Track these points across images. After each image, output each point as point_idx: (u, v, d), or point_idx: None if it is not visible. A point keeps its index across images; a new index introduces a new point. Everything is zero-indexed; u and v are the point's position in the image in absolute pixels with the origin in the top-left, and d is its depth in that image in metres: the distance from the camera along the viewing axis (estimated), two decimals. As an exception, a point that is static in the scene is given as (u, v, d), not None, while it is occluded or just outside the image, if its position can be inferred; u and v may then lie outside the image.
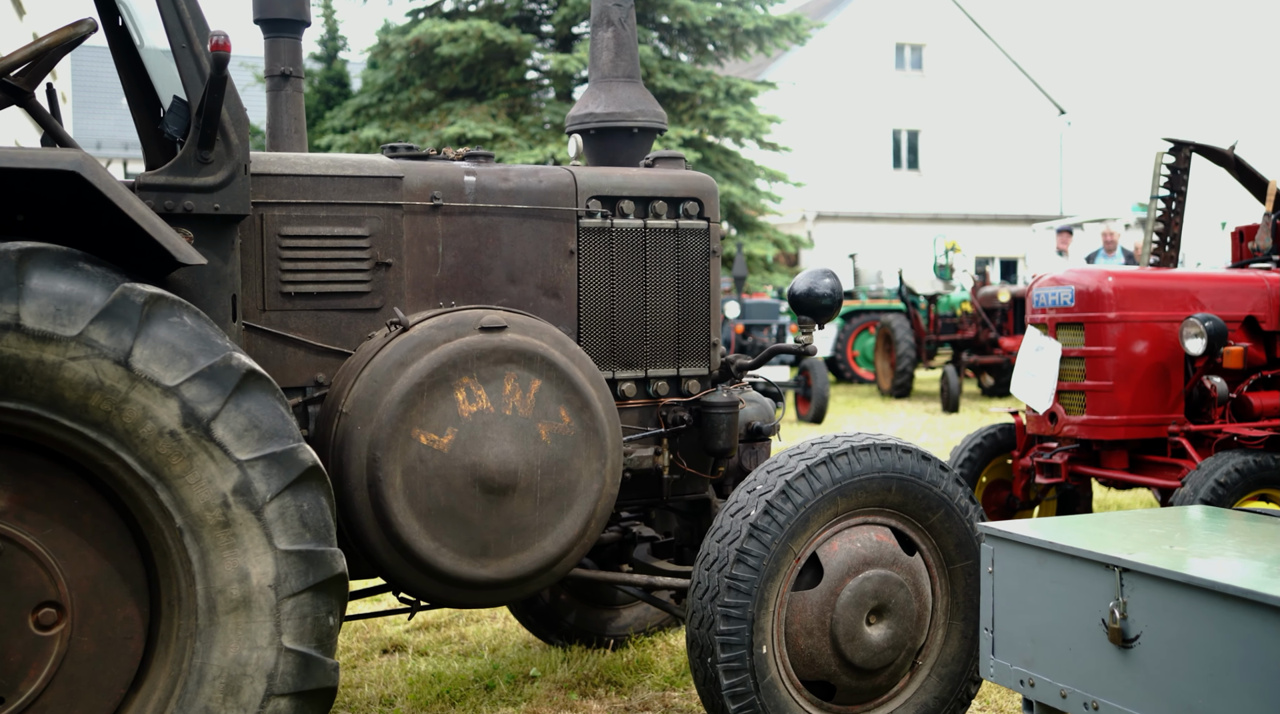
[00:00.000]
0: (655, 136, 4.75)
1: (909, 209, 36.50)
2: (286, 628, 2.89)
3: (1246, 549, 2.84)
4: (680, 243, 4.26)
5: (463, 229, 3.93)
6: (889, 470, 3.81)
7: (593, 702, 4.61)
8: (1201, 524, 3.22)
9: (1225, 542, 2.97)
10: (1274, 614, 2.36)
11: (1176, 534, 3.03)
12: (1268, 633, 2.38)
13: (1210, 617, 2.51)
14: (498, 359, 3.62)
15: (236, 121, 3.33)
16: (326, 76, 21.99)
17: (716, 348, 4.35)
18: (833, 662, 3.76)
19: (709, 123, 17.26)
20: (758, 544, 3.65)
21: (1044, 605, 2.99)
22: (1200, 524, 3.22)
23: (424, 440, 3.51)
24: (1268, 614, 2.38)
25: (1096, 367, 5.85)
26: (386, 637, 5.53)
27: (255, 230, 3.63)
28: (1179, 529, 3.12)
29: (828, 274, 4.23)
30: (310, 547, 2.92)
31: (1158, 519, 3.26)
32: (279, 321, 3.68)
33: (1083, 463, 6.05)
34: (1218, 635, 2.50)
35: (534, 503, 3.65)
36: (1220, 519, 3.28)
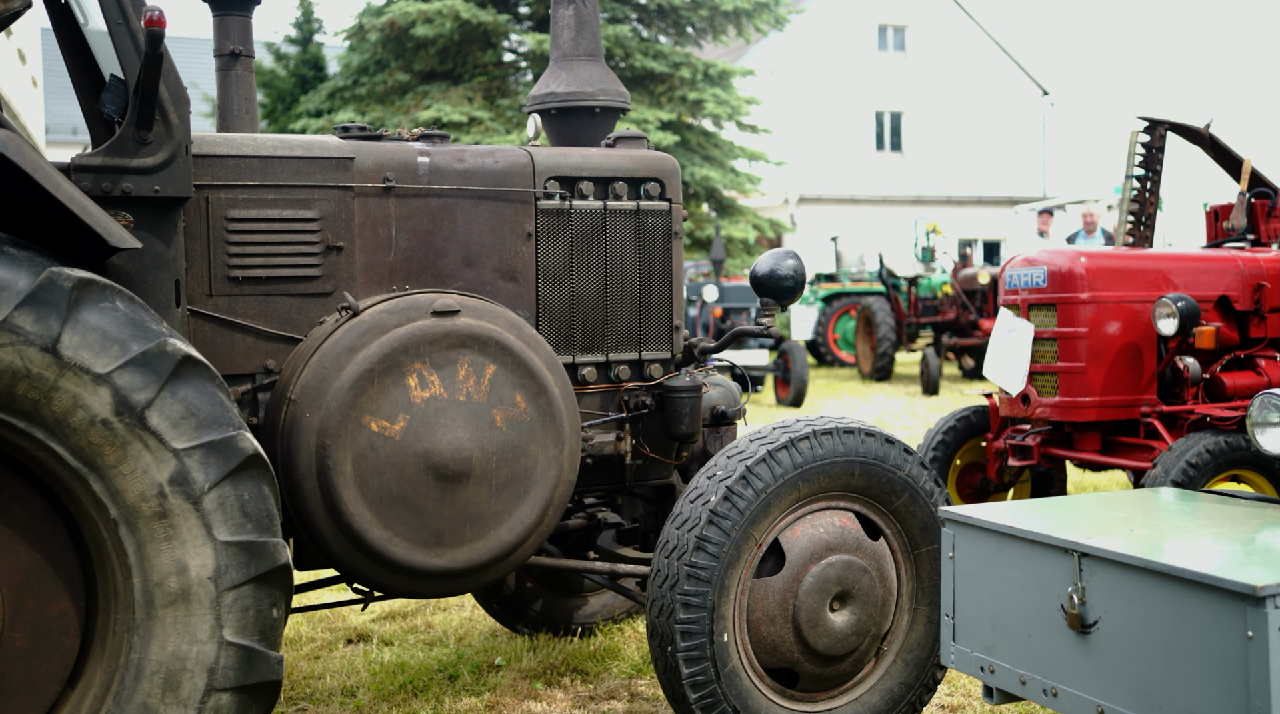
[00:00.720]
0: (619, 116, 4.68)
1: (892, 191, 36.44)
2: (228, 621, 2.81)
3: (1209, 532, 2.79)
4: (641, 224, 4.18)
5: (417, 211, 3.84)
6: (852, 454, 3.75)
7: (557, 690, 4.55)
8: (1167, 507, 3.16)
9: (1188, 525, 2.92)
10: (1230, 598, 2.31)
11: (1139, 518, 2.97)
12: (1224, 618, 2.32)
13: (1167, 601, 2.46)
14: (451, 344, 3.54)
15: (177, 101, 3.23)
16: (302, 60, 21.78)
17: (679, 331, 4.27)
18: (795, 649, 3.70)
19: (687, 105, 17.14)
20: (718, 531, 3.58)
21: (1004, 591, 2.93)
22: (1166, 507, 3.16)
23: (375, 427, 3.43)
24: (1224, 598, 2.32)
25: (1069, 348, 5.80)
26: (351, 626, 5.46)
27: (200, 213, 3.54)
28: (1143, 512, 3.06)
29: (790, 255, 4.15)
30: (252, 537, 2.84)
31: (1123, 502, 3.21)
32: (226, 307, 3.59)
33: (1055, 445, 6.00)
34: (1174, 620, 2.44)
35: (489, 490, 3.57)
36: (1188, 502, 3.23)
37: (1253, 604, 2.27)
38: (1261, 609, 2.26)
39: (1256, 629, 2.27)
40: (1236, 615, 2.30)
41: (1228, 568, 2.37)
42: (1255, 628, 2.27)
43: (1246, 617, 2.28)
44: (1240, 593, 2.28)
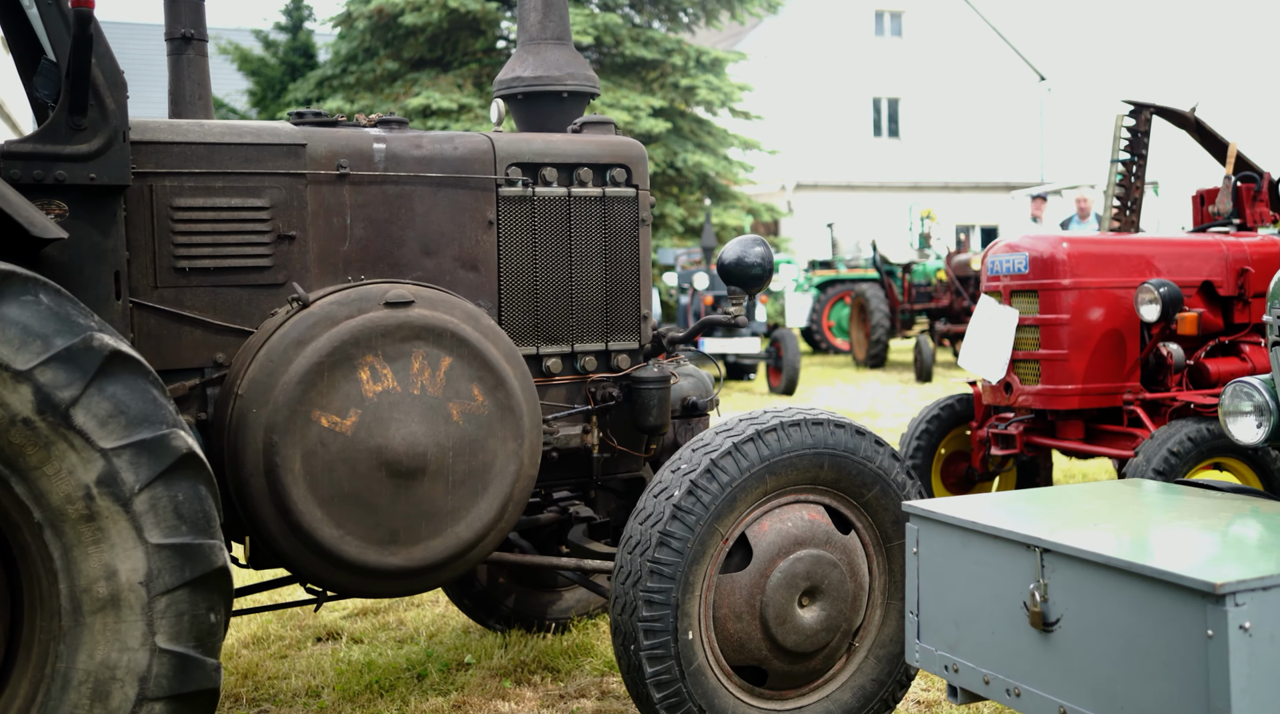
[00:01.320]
0: (588, 101, 4.56)
1: (889, 177, 36.28)
2: (160, 627, 2.71)
3: (1177, 526, 2.69)
4: (607, 211, 4.08)
5: (372, 199, 3.74)
6: (820, 446, 3.65)
7: (527, 689, 4.46)
8: (1140, 499, 3.07)
9: (1157, 518, 2.82)
10: (1189, 596, 2.21)
11: (1108, 511, 2.87)
12: (1183, 616, 2.23)
13: (1128, 599, 2.36)
14: (404, 336, 3.44)
15: (113, 85, 3.13)
16: (291, 47, 21.61)
17: (647, 321, 4.17)
18: (763, 646, 3.61)
19: (679, 91, 17.00)
20: (681, 526, 3.49)
21: (967, 588, 2.84)
22: (1138, 499, 3.06)
23: (325, 423, 3.33)
24: (1183, 596, 2.23)
25: (1051, 335, 5.70)
26: (322, 624, 5.37)
27: (145, 202, 3.43)
28: (1113, 505, 2.97)
29: (758, 242, 4.05)
30: (186, 540, 2.74)
31: (1094, 495, 3.11)
32: (173, 299, 3.49)
33: (1039, 433, 5.91)
34: (1135, 619, 2.35)
35: (446, 486, 3.47)
36: (1162, 493, 3.13)
37: (1212, 602, 2.18)
38: (1221, 607, 2.17)
39: (1216, 628, 2.18)
40: (1196, 614, 2.21)
41: (1187, 564, 2.27)
42: (1215, 627, 2.18)
43: (1206, 615, 2.19)
44: (1199, 590, 2.19)
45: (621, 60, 17.33)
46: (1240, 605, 2.17)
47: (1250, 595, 2.18)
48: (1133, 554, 2.39)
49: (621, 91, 16.62)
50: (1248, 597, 2.18)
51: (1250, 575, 2.19)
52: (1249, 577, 2.18)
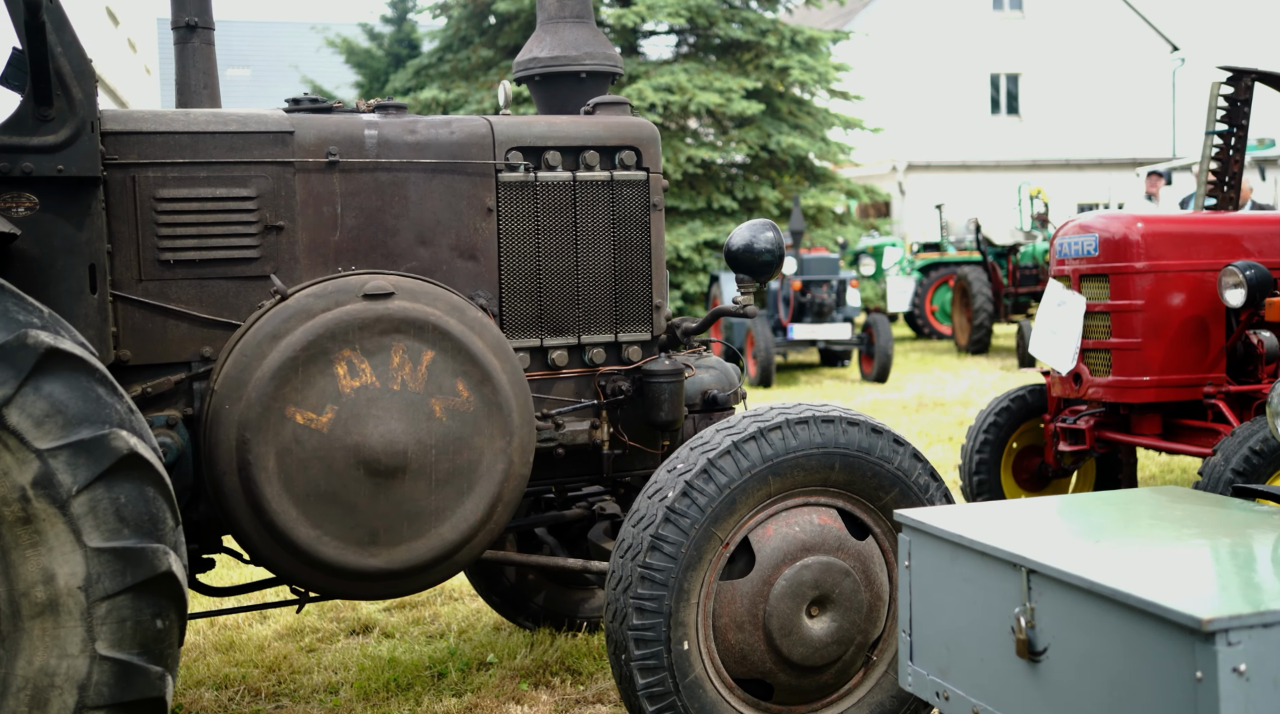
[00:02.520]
0: (610, 81, 4.36)
1: (1007, 156, 35.16)
2: (101, 634, 2.61)
3: (1188, 548, 2.40)
4: (616, 196, 3.88)
5: (364, 187, 3.61)
6: (830, 446, 3.41)
7: (544, 692, 4.30)
8: (1162, 512, 2.76)
9: (1170, 537, 2.52)
10: (1177, 632, 1.94)
11: (1116, 526, 2.59)
12: (1172, 654, 1.95)
13: (1116, 631, 2.09)
14: (383, 329, 3.30)
15: (79, 74, 3.04)
16: (396, 39, 21.82)
17: (660, 311, 3.97)
18: (768, 658, 3.39)
19: (774, 73, 16.62)
20: (675, 530, 3.29)
21: (957, 608, 2.58)
22: (1161, 512, 2.76)
23: (300, 419, 3.21)
24: (1171, 632, 1.95)
25: (1123, 322, 5.32)
26: (357, 617, 5.29)
27: (127, 193, 3.35)
28: (1126, 519, 2.67)
29: (768, 227, 3.81)
30: (128, 544, 2.63)
31: (1112, 505, 2.82)
32: (158, 292, 3.41)
33: (1111, 428, 5.53)
34: (1124, 654, 2.08)
35: (429, 486, 3.33)
36: (1195, 505, 2.81)
37: (1200, 640, 1.90)
38: (1210, 646, 1.89)
39: (1205, 669, 1.90)
40: (1184, 653, 1.93)
41: (1177, 595, 1.99)
42: (1204, 668, 1.90)
43: (1195, 655, 1.91)
44: (1186, 626, 1.91)
45: (714, 42, 17.03)
46: (1234, 645, 1.89)
47: (1247, 634, 1.89)
48: (1120, 580, 2.11)
49: (714, 74, 16.32)
50: (1244, 635, 1.89)
51: (1248, 610, 1.90)
52: (1245, 612, 1.90)
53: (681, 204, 15.98)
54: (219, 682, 4.55)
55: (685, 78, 15.93)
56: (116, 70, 20.55)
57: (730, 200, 16.28)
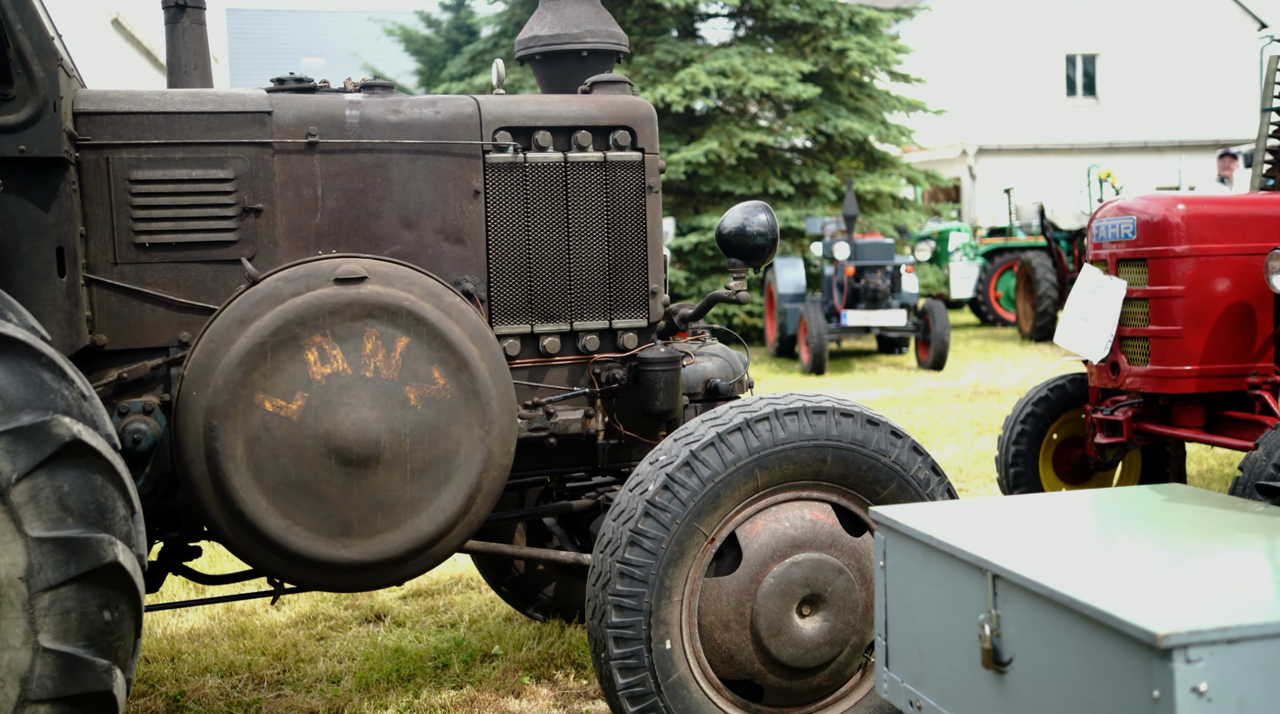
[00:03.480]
0: (613, 60, 4.22)
1: (1082, 139, 34.32)
2: (44, 625, 2.55)
3: (1167, 553, 2.22)
4: (609, 177, 3.74)
5: (345, 169, 3.51)
6: (822, 438, 3.26)
7: (544, 686, 4.20)
8: (1151, 512, 2.57)
9: (1151, 540, 2.34)
10: (1135, 648, 1.77)
11: (1095, 527, 2.41)
12: (1131, 671, 1.79)
13: (1077, 643, 1.93)
14: (355, 314, 3.20)
15: (41, 53, 2.98)
16: (454, 25, 21.83)
17: (657, 297, 3.83)
18: (756, 659, 3.25)
19: (831, 55, 16.31)
20: (655, 524, 3.16)
21: (929, 612, 2.43)
22: (1149, 512, 2.57)
23: (269, 407, 3.13)
24: (1129, 647, 1.79)
25: (1162, 309, 5.07)
26: (371, 604, 5.24)
27: (101, 175, 3.29)
28: (1110, 520, 2.49)
29: (762, 210, 3.65)
30: (72, 533, 2.57)
31: (1093, 506, 2.63)
32: (134, 276, 3.34)
33: (1151, 420, 5.28)
34: (1085, 667, 1.91)
35: (403, 476, 3.23)
36: (1190, 505, 2.62)
37: (1157, 657, 1.73)
38: (1167, 664, 1.72)
39: (1163, 689, 1.73)
40: (1140, 670, 1.77)
41: (1134, 606, 1.82)
42: (1161, 687, 1.73)
43: (1151, 673, 1.75)
44: (1142, 641, 1.74)
45: (770, 25, 16.76)
46: (1194, 663, 1.72)
47: (1208, 651, 1.73)
48: (1082, 588, 1.95)
49: (769, 57, 16.08)
50: (1205, 652, 1.72)
51: (1209, 625, 1.73)
52: (1206, 627, 1.73)
53: (736, 188, 15.77)
54: (225, 668, 4.51)
55: (740, 61, 15.70)
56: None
57: (787, 185, 16.03)
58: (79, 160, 3.25)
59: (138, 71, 16.17)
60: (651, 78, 15.80)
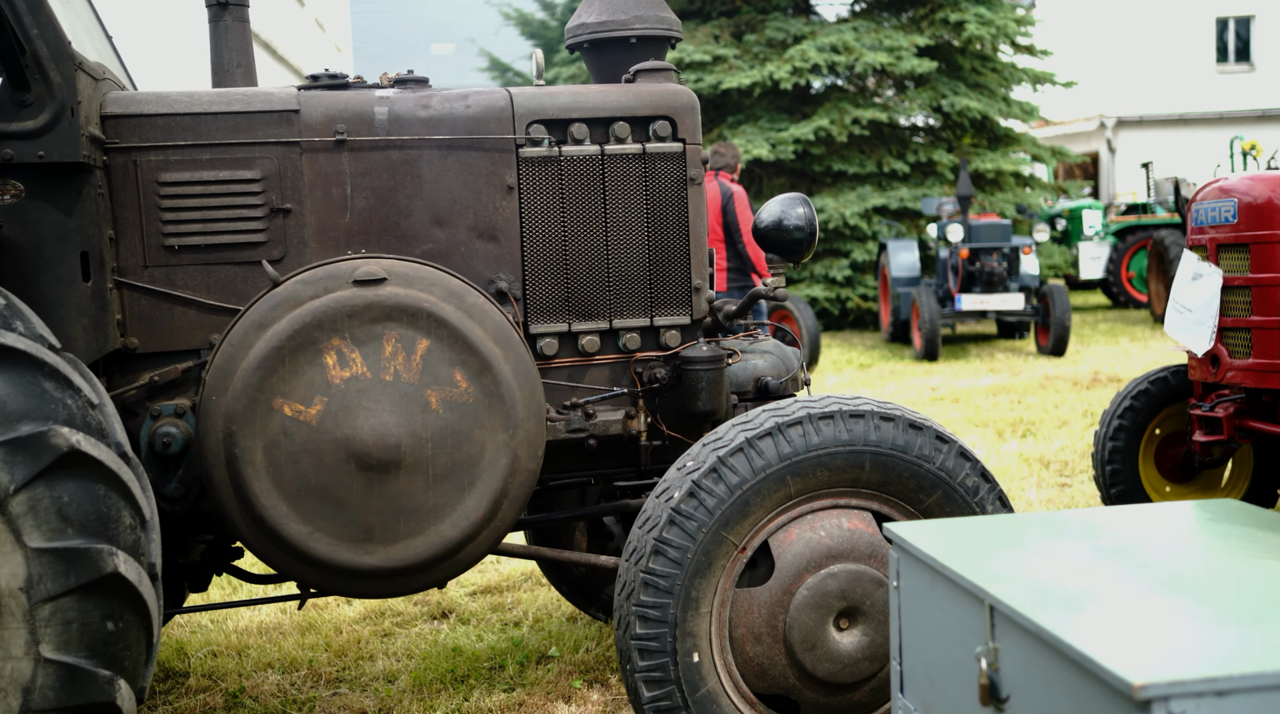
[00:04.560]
0: (665, 46, 4.08)
1: (1234, 108, 32.60)
2: (45, 636, 2.56)
3: (1177, 586, 2.00)
4: (649, 170, 3.61)
5: (375, 166, 3.46)
6: (859, 443, 3.09)
7: (595, 691, 4.12)
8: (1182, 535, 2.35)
9: (1168, 569, 2.12)
10: (1115, 698, 1.59)
11: (1111, 554, 2.20)
12: (1112, 725, 1.61)
13: (1066, 685, 1.75)
14: (374, 317, 3.14)
15: (57, 58, 2.98)
16: (568, 8, 21.78)
17: (700, 293, 3.68)
18: (790, 673, 3.11)
19: (949, 28, 15.78)
20: (679, 533, 3.03)
21: (937, 639, 2.26)
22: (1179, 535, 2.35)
23: (288, 411, 3.10)
24: (1110, 696, 1.60)
25: (1266, 298, 4.71)
26: (439, 601, 5.22)
27: (130, 178, 3.30)
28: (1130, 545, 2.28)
29: (801, 202, 3.48)
30: (71, 544, 2.56)
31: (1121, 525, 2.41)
32: (164, 278, 3.35)
33: (1255, 416, 4.93)
34: (1071, 711, 1.73)
35: (425, 481, 3.17)
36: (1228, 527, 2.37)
37: (1137, 709, 1.55)
38: (1147, 719, 1.53)
39: (1145, 747, 1.54)
40: (1123, 723, 1.58)
41: (1120, 651, 1.64)
42: (1143, 745, 1.55)
43: (1133, 727, 1.56)
44: (1119, 690, 1.56)
45: (887, -3, 16.36)
46: (1179, 717, 1.54)
47: (1194, 704, 1.53)
48: (1070, 625, 1.77)
49: (884, 32, 15.65)
50: (1190, 705, 1.53)
51: (1195, 675, 1.54)
52: (1191, 677, 1.53)
53: (849, 168, 15.41)
54: (288, 664, 4.55)
55: (853, 37, 15.32)
56: (303, 50, 21.30)
57: (903, 164, 15.60)
58: (107, 164, 3.26)
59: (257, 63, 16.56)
60: (762, 55, 15.53)
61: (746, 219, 8.70)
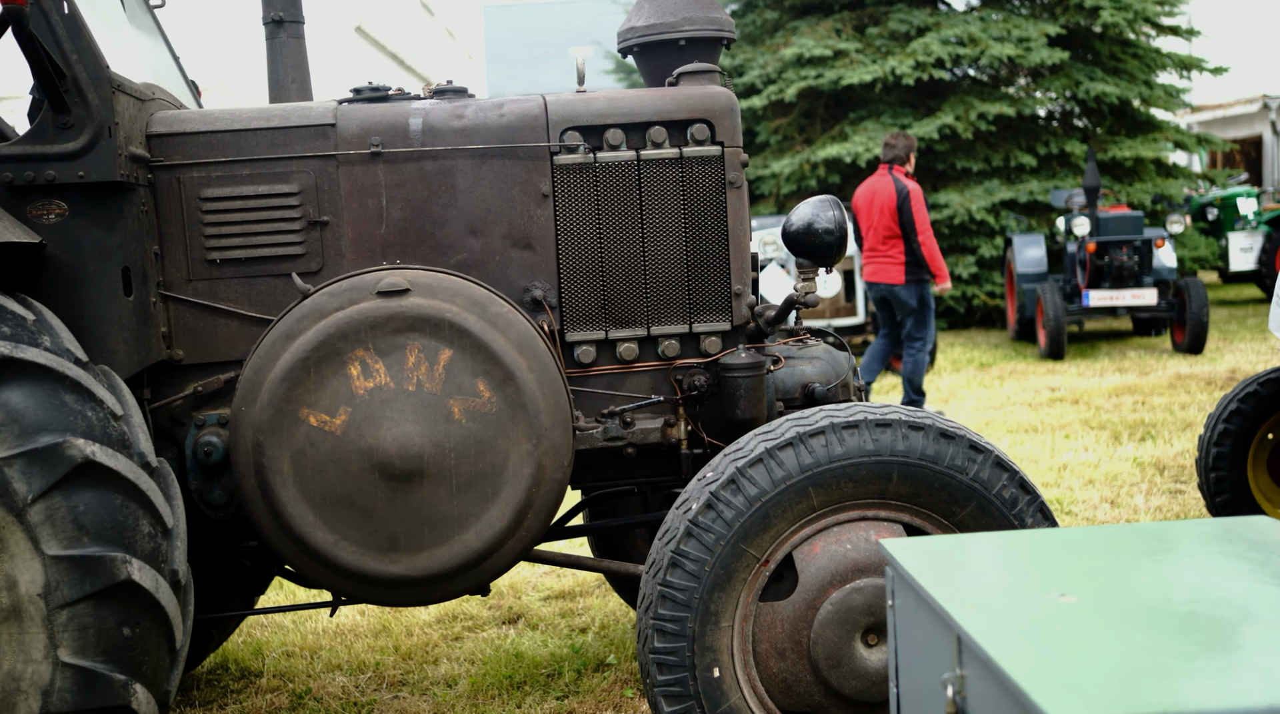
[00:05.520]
0: (717, 47, 4.02)
1: None
2: (63, 640, 2.64)
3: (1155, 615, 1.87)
4: (687, 174, 3.56)
5: (409, 177, 3.48)
6: (885, 454, 2.99)
7: (646, 701, 4.07)
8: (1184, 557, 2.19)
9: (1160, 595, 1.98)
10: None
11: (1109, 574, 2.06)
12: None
13: (1012, 724, 1.64)
14: (397, 327, 3.16)
15: (96, 81, 3.09)
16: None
17: (741, 298, 3.61)
18: (816, 691, 3.02)
19: (1083, 13, 15.19)
20: (697, 545, 2.98)
21: (925, 663, 2.15)
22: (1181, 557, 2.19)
23: (314, 422, 3.14)
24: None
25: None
26: (510, 605, 5.25)
27: (174, 194, 3.39)
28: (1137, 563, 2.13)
29: (833, 204, 3.37)
30: (87, 552, 2.65)
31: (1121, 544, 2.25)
32: (207, 292, 3.44)
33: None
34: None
35: (449, 491, 3.18)
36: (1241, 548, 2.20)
37: (1060, 757, 1.44)
38: (1070, 767, 1.43)
39: (1069, 795, 1.44)
40: (1049, 768, 1.48)
41: (1059, 687, 1.53)
42: (1068, 793, 1.44)
43: (1058, 773, 1.46)
44: (1044, 734, 1.46)
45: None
46: (1108, 761, 1.43)
47: (1121, 748, 1.42)
48: (1019, 656, 1.66)
49: (1013, 21, 15.15)
50: (1115, 750, 1.42)
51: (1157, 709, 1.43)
52: (1117, 719, 1.43)
53: (974, 164, 14.98)
54: (355, 666, 4.63)
55: (980, 28, 14.89)
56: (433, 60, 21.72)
57: (1031, 157, 15.10)
58: (153, 181, 3.36)
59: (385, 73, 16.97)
60: (884, 49, 15.21)
61: (923, 218, 8.69)
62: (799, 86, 15.06)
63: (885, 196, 8.79)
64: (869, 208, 8.94)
